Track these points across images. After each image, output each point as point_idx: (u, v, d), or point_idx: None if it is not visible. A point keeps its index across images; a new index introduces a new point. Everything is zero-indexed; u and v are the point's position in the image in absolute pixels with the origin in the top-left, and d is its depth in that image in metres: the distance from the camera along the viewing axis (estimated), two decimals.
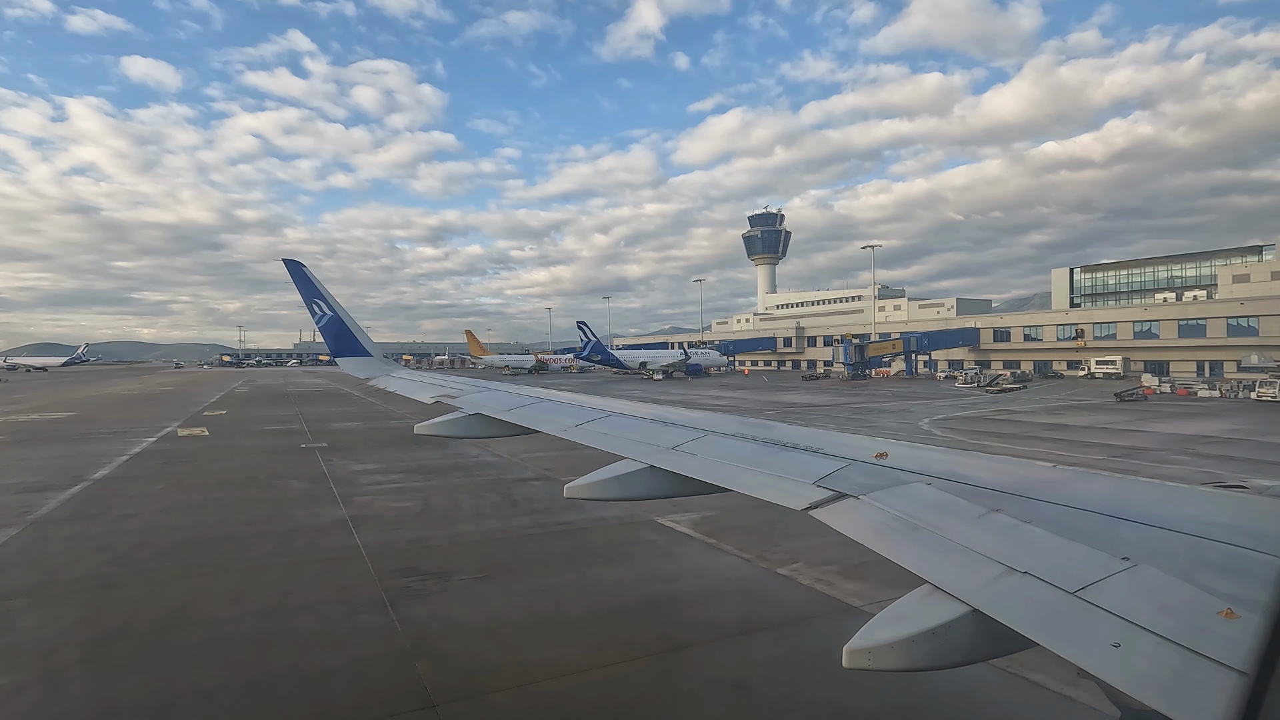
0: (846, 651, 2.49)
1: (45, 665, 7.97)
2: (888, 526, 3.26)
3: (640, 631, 9.20)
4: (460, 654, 8.42)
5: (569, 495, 4.98)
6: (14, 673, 7.78)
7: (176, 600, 10.15)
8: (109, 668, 7.94)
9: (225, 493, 18.15)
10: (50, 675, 7.73)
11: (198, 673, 7.79)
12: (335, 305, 12.28)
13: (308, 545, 13.13)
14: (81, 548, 12.83)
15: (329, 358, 14.45)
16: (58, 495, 17.30)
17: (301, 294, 12.15)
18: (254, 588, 10.66)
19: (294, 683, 7.65)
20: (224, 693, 7.38)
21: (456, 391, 9.74)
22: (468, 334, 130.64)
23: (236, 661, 8.11)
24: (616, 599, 10.40)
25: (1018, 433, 29.99)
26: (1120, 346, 78.76)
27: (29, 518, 14.97)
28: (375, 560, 11.93)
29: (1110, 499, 3.17)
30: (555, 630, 9.15)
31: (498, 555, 12.55)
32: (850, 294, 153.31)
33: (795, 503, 3.77)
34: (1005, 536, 2.91)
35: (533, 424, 7.29)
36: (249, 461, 23.67)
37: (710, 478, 4.52)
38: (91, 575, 11.20)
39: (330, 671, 7.89)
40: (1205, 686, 1.85)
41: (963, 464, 4.00)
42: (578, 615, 9.75)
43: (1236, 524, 2.76)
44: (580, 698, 7.26)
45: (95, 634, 8.86)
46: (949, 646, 2.48)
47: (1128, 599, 2.28)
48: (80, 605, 9.90)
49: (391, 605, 9.82)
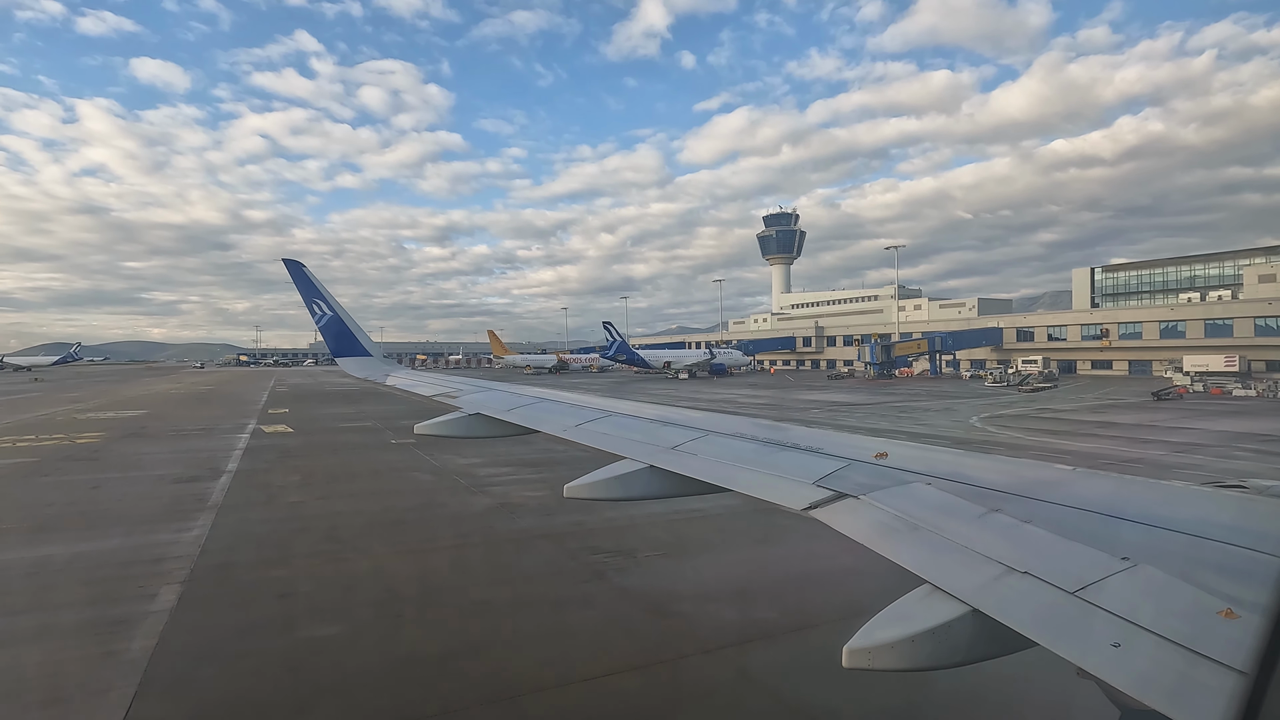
0: (846, 651, 2.53)
1: (354, 620, 9.42)
2: (888, 526, 3.29)
3: (823, 597, 10.56)
4: (696, 614, 9.81)
5: (568, 495, 5.06)
6: (337, 625, 9.25)
7: (411, 572, 11.56)
8: (403, 624, 9.37)
9: (362, 483, 19.60)
10: (361, 629, 9.17)
11: (482, 631, 9.21)
12: (335, 305, 12.38)
13: (484, 527, 14.55)
14: (284, 529, 14.28)
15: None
16: (212, 485, 18.78)
17: (301, 294, 12.24)
18: (470, 562, 12.09)
19: (581, 636, 9.01)
20: (530, 643, 8.75)
21: (456, 391, 9.82)
22: (490, 334, 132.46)
23: (512, 621, 9.52)
24: (785, 572, 11.73)
25: (1072, 430, 31.18)
26: (1146, 346, 79.65)
27: (208, 504, 16.45)
28: (555, 541, 13.32)
29: (1110, 499, 3.19)
30: (754, 597, 10.51)
31: (658, 536, 13.90)
32: (866, 294, 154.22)
33: (795, 502, 3.80)
34: (1005, 536, 2.93)
35: (533, 424, 7.39)
36: (356, 456, 25.15)
37: (710, 478, 4.59)
38: (318, 551, 12.63)
39: (603, 626, 9.28)
40: (1205, 686, 1.85)
41: (963, 464, 4.07)
42: (764, 585, 11.10)
43: (1236, 524, 2.77)
44: (810, 645, 8.57)
45: (367, 598, 10.30)
46: (949, 646, 2.49)
47: (1128, 599, 2.28)
48: (333, 575, 11.34)
49: (603, 576, 11.22)
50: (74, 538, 13.53)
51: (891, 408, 43.34)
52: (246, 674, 7.86)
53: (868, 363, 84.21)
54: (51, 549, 12.67)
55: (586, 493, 5.02)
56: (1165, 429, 31.14)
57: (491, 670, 7.92)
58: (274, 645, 8.62)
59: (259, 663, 8.13)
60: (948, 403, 46.85)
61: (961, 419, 35.99)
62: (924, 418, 37.40)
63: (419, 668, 7.92)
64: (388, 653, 8.33)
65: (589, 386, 70.15)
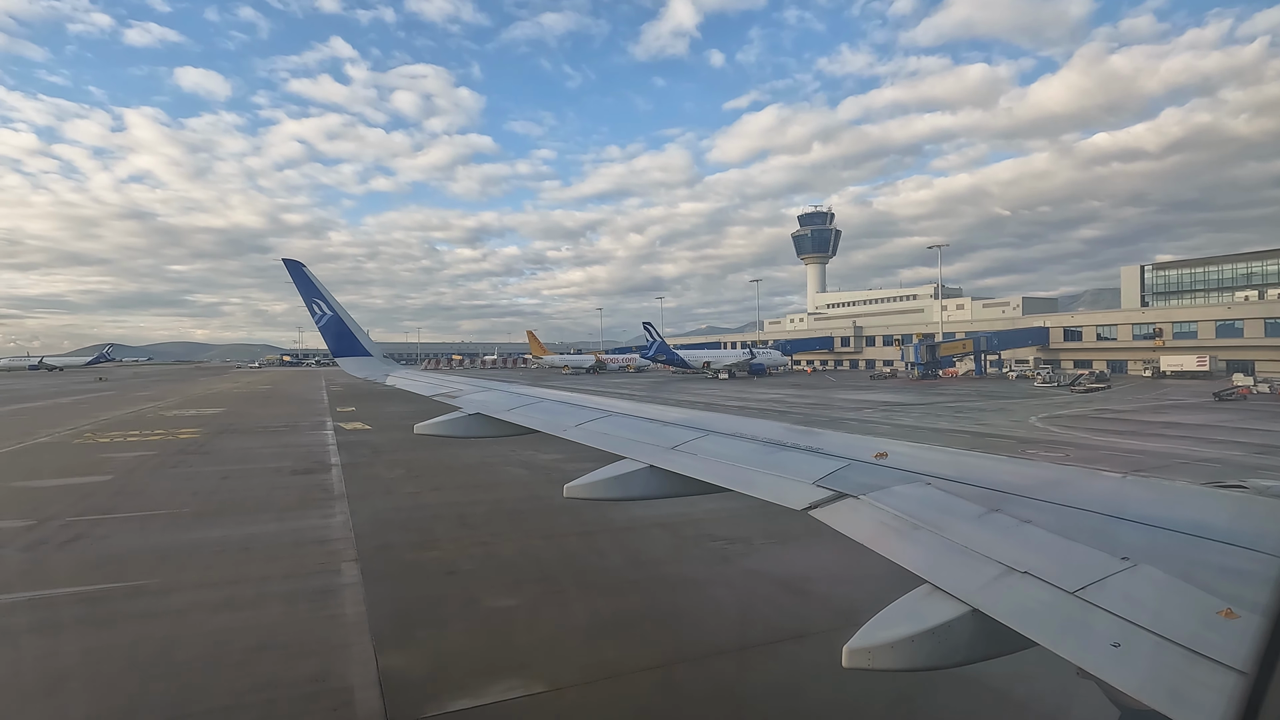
0: (846, 651, 2.54)
1: (526, 594, 10.54)
2: (887, 526, 3.31)
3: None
4: (830, 594, 10.71)
5: (568, 495, 5.10)
6: (513, 598, 10.39)
7: (553, 555, 12.66)
8: (570, 598, 10.46)
9: (463, 477, 20.89)
10: (537, 601, 10.29)
11: (642, 605, 10.25)
12: (335, 305, 12.45)
13: (598, 517, 15.60)
14: (417, 517, 15.54)
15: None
16: (327, 477, 20.26)
17: (301, 294, 12.20)
18: (602, 547, 13.15)
19: (732, 609, 10.00)
20: (693, 614, 9.77)
21: (456, 391, 9.86)
22: (529, 334, 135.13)
23: (669, 597, 10.55)
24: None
25: (1136, 430, 31.14)
26: (1201, 345, 77.73)
27: (334, 494, 17.86)
28: (670, 529, 14.30)
29: (1110, 499, 3.19)
30: (880, 578, 11.34)
31: (766, 525, 14.78)
32: (904, 293, 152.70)
33: (795, 502, 3.82)
34: (1005, 536, 2.93)
35: (532, 424, 7.43)
36: (443, 452, 26.41)
37: (710, 477, 4.60)
38: (457, 537, 13.84)
39: (749, 601, 10.23)
40: (1205, 686, 1.85)
41: (962, 464, 4.08)
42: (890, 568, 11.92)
43: (1236, 524, 2.76)
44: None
45: (527, 577, 11.42)
46: (949, 646, 2.50)
47: (1127, 599, 2.29)
48: (484, 556, 12.51)
49: (728, 560, 12.18)
50: (237, 522, 15.00)
51: (945, 408, 43.44)
52: (459, 634, 9.02)
53: (911, 363, 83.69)
54: (224, 531, 14.12)
55: (586, 492, 5.05)
56: (1234, 429, 30.90)
57: (672, 636, 8.95)
58: (470, 613, 9.77)
59: (467, 625, 9.29)
60: (1000, 403, 46.70)
61: (1019, 419, 36.06)
62: (981, 418, 37.52)
63: (607, 632, 9.00)
64: (567, 622, 9.42)
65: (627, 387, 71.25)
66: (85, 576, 11.23)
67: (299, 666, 7.99)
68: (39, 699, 7.37)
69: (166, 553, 12.59)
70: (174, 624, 9.32)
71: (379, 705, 7.05)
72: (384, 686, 7.41)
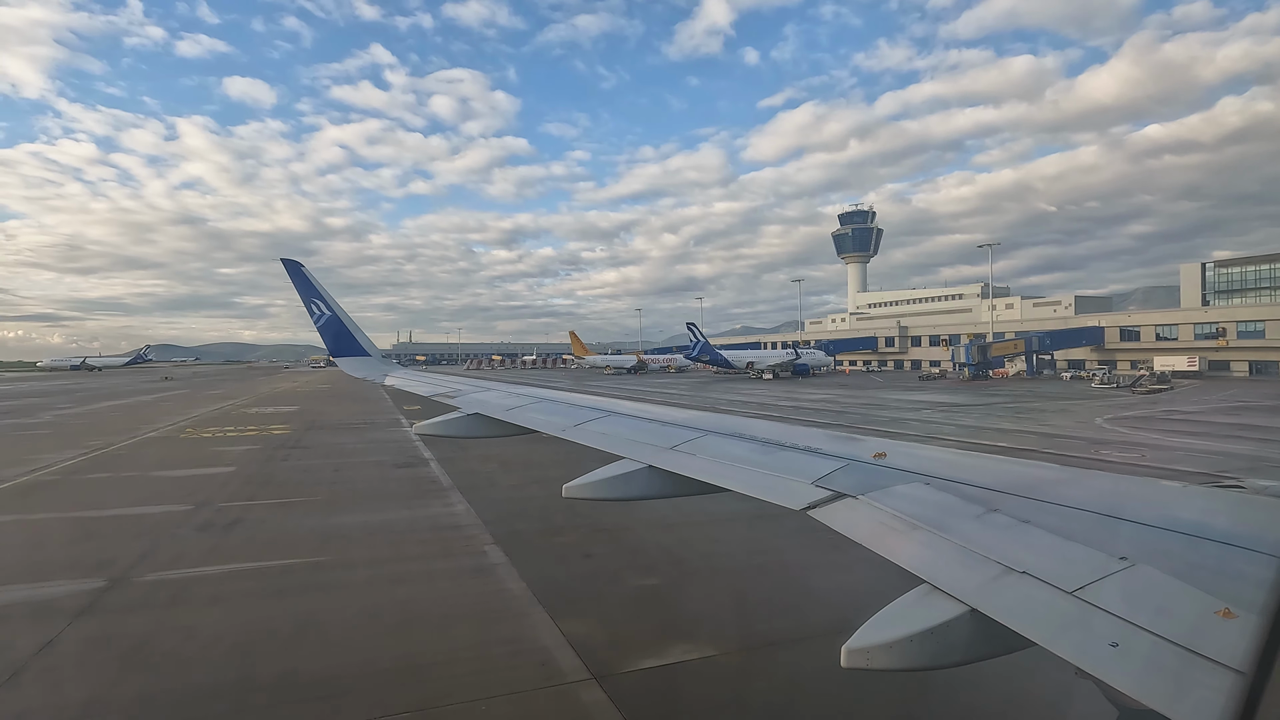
0: (844, 651, 2.56)
1: (665, 575, 11.54)
2: (886, 526, 3.31)
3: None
4: None
5: (567, 495, 5.18)
6: (654, 578, 11.42)
7: (672, 541, 13.62)
8: (704, 579, 11.43)
9: (555, 471, 21.93)
10: (677, 581, 11.27)
11: (775, 587, 11.15)
12: (334, 305, 12.51)
13: (699, 509, 16.57)
14: (531, 507, 16.74)
15: (424, 358, 14.03)
16: (428, 470, 21.71)
17: (300, 294, 12.22)
18: (717, 536, 14.09)
19: (868, 592, 10.85)
20: (831, 597, 10.66)
21: (455, 391, 9.93)
22: (571, 335, 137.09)
23: (802, 578, 11.44)
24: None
25: (1210, 432, 30.75)
26: (1269, 346, 75.02)
27: (443, 485, 19.23)
28: (770, 520, 15.13)
29: (1108, 498, 3.21)
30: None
31: None
32: (950, 292, 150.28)
33: (794, 503, 3.84)
34: (1003, 536, 2.95)
35: (531, 424, 7.51)
36: (524, 447, 27.66)
37: (709, 478, 4.65)
38: (577, 525, 14.89)
39: (876, 585, 11.05)
40: (1203, 686, 1.86)
41: (961, 464, 4.09)
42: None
43: (1234, 523, 2.77)
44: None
45: (660, 560, 12.44)
46: (947, 646, 2.51)
47: (1126, 598, 2.30)
48: (610, 542, 13.55)
49: (839, 548, 12.97)
50: (369, 509, 16.42)
51: (1004, 408, 43.21)
52: (618, 606, 10.08)
53: (961, 363, 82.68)
54: (363, 517, 15.52)
55: (585, 492, 5.12)
56: None
57: (818, 613, 9.86)
58: (619, 589, 10.83)
59: (620, 600, 10.35)
60: (1060, 404, 46.16)
61: (1084, 419, 35.81)
62: (1044, 419, 37.32)
63: (756, 608, 9.94)
64: (712, 598, 10.40)
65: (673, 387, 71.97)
66: (265, 553, 12.67)
67: (493, 630, 9.14)
68: (295, 642, 8.62)
69: (325, 535, 13.99)
70: (367, 594, 10.60)
71: (577, 662, 8.11)
72: (575, 648, 8.49)
